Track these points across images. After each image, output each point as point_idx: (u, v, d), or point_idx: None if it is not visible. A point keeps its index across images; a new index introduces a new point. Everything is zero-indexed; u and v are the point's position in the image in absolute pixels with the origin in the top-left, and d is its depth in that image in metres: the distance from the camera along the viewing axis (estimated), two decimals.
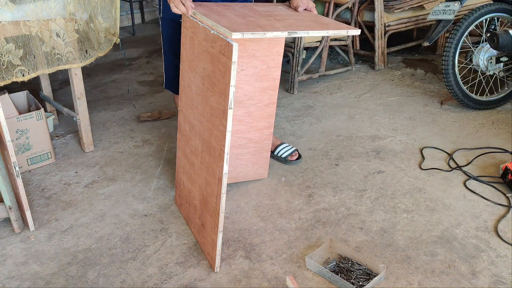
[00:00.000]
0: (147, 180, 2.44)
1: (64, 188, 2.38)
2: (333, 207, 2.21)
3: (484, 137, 2.82)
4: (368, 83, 3.71)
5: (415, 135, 2.88)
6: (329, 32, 1.64)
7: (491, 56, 3.09)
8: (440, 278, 1.77)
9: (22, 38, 2.21)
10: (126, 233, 2.04)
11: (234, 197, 2.29)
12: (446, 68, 3.02)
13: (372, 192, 2.32)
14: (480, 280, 1.76)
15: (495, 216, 2.12)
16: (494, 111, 3.16)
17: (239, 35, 1.49)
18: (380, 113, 3.20)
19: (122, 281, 1.78)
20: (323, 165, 2.56)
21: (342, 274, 1.77)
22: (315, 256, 1.85)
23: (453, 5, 3.01)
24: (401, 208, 2.19)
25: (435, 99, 3.38)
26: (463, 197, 2.26)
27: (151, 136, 2.90)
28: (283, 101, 3.43)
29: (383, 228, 2.05)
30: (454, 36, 2.99)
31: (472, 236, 1.99)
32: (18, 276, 1.81)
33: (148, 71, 4.16)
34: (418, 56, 4.29)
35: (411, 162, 2.58)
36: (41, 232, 2.05)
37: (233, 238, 2.00)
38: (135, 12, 5.61)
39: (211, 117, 1.72)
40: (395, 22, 3.91)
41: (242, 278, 1.79)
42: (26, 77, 2.27)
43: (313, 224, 2.09)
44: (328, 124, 3.05)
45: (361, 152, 2.69)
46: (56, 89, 3.58)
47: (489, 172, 2.45)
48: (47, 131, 2.55)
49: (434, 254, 1.89)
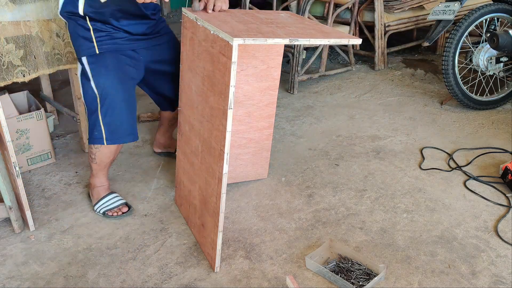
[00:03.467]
0: (147, 180, 2.44)
1: (64, 188, 2.38)
2: (333, 207, 2.21)
3: (484, 137, 2.82)
4: (368, 83, 3.71)
5: (415, 135, 2.88)
6: (331, 40, 1.63)
7: (491, 56, 3.09)
8: (440, 278, 1.77)
9: (22, 38, 2.21)
10: (126, 233, 2.04)
11: (234, 197, 2.29)
12: (446, 68, 3.02)
13: (372, 192, 2.32)
14: (480, 280, 1.76)
15: (495, 216, 2.12)
16: (494, 111, 3.16)
17: (240, 41, 1.48)
18: (380, 113, 3.20)
19: (122, 281, 1.78)
20: (323, 165, 2.57)
21: (342, 274, 1.77)
22: (315, 256, 1.85)
23: (453, 5, 3.01)
24: (401, 208, 2.19)
25: (435, 99, 3.38)
26: (463, 197, 2.26)
27: (151, 136, 2.90)
28: (283, 101, 3.43)
29: (383, 228, 2.05)
30: (454, 36, 2.99)
31: (472, 236, 1.99)
32: (18, 276, 1.81)
33: None
34: (418, 56, 4.29)
35: (411, 162, 2.58)
36: (41, 232, 2.05)
37: (233, 238, 2.00)
38: None
39: (211, 117, 1.72)
40: (395, 22, 3.91)
41: (242, 278, 1.79)
42: (26, 77, 2.27)
43: (313, 224, 2.09)
44: (328, 124, 3.05)
45: (361, 152, 2.69)
46: (56, 89, 3.58)
47: (489, 172, 2.46)
48: (47, 131, 2.55)
49: (434, 254, 1.90)
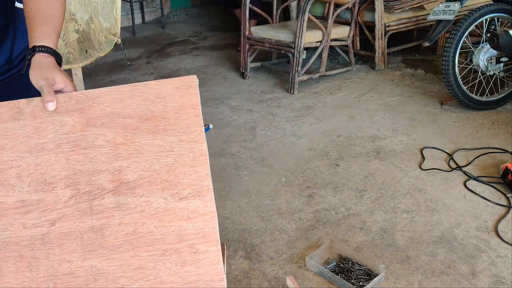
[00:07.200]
0: None
1: None
2: (333, 207, 2.21)
3: (484, 137, 2.82)
4: (368, 83, 3.71)
5: (415, 135, 2.88)
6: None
7: (491, 56, 3.09)
8: (440, 278, 1.77)
9: None
10: None
11: (234, 197, 2.29)
12: (446, 68, 3.02)
13: (372, 193, 2.32)
14: (480, 280, 1.76)
15: (495, 216, 2.12)
16: (494, 111, 3.16)
17: None
18: (380, 113, 3.20)
19: None
20: (323, 165, 2.57)
21: (343, 274, 1.77)
22: (315, 257, 1.85)
23: (453, 6, 3.01)
24: (401, 208, 2.19)
25: (435, 99, 3.38)
26: (463, 198, 2.26)
27: None
28: (284, 102, 3.44)
29: (383, 228, 2.05)
30: (454, 36, 2.99)
31: (472, 236, 1.99)
32: None
33: (148, 71, 4.16)
34: (419, 57, 4.29)
35: (411, 162, 2.58)
36: None
37: (233, 238, 2.00)
38: (135, 12, 5.61)
39: None
40: (396, 23, 3.91)
41: (242, 278, 1.79)
42: None
43: (313, 225, 2.09)
44: (328, 124, 3.05)
45: (361, 153, 2.69)
46: None
47: (489, 172, 2.45)
48: None
49: (434, 254, 1.90)
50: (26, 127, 1.17)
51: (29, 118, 1.17)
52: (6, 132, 1.17)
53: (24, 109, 1.17)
